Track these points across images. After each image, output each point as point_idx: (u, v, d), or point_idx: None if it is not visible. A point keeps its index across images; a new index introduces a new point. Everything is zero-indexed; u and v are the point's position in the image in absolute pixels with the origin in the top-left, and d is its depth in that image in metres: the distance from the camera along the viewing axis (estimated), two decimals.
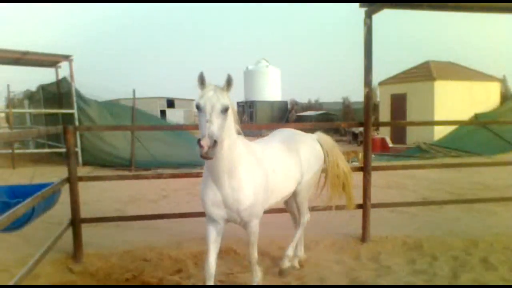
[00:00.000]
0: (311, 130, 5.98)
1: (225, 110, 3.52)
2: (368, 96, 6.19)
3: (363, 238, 6.29)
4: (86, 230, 5.94)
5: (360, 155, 16.02)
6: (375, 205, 6.54)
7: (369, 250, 6.07)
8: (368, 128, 6.29)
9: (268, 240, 6.19)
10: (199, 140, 3.24)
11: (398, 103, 25.64)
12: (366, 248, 6.13)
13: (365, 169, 6.30)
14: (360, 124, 6.56)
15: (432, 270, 5.35)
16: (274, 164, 4.53)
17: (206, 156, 3.25)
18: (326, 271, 5.37)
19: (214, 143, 3.27)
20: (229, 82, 3.67)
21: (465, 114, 21.50)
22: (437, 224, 7.16)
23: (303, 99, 50.97)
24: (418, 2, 6.02)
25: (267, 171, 4.36)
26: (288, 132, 5.40)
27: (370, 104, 6.28)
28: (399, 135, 24.91)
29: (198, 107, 3.52)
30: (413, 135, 23.67)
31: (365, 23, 6.01)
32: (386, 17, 6.41)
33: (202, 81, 3.63)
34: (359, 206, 6.34)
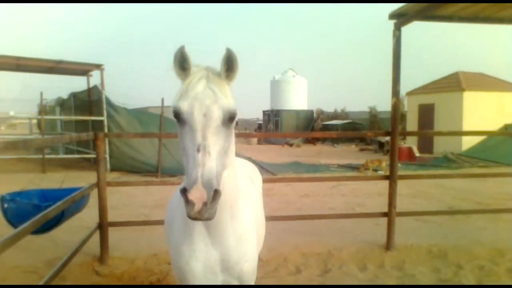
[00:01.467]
0: (337, 139, 6.00)
1: (230, 120, 2.06)
2: (396, 106, 6.19)
3: (388, 246, 6.24)
4: (113, 234, 6.06)
5: (384, 163, 15.93)
6: (401, 214, 6.48)
7: (393, 258, 6.02)
8: (394, 138, 6.26)
9: (291, 246, 6.21)
10: (184, 190, 1.84)
11: (426, 113, 25.33)
12: (391, 256, 6.08)
13: (391, 177, 6.27)
14: (387, 133, 6.54)
15: (457, 279, 5.29)
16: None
17: (199, 218, 1.86)
18: (350, 279, 5.36)
19: (215, 194, 1.86)
20: (230, 62, 2.12)
21: (494, 124, 21.08)
22: (463, 234, 7.05)
23: (329, 108, 50.82)
24: (447, 16, 6.04)
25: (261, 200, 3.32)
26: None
27: (397, 114, 6.27)
28: (426, 144, 24.55)
29: (177, 115, 2.05)
30: (440, 145, 23.29)
31: (394, 35, 6.05)
32: (415, 27, 6.42)
33: (183, 61, 2.11)
34: (384, 214, 6.32)
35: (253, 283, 2.72)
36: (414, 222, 7.69)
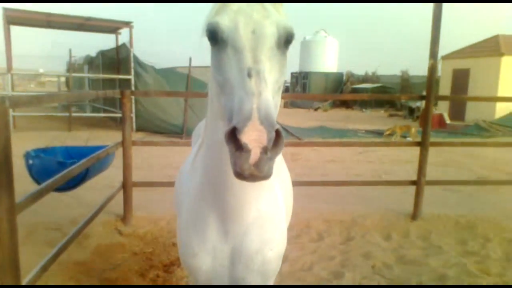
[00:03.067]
0: (367, 104, 5.78)
1: (286, 43, 1.59)
2: (433, 68, 5.96)
3: (414, 215, 6.10)
4: (137, 194, 6.08)
5: (413, 129, 15.55)
6: (429, 182, 6.30)
7: (419, 228, 5.89)
8: (430, 102, 6.04)
9: (315, 212, 6.13)
10: (231, 133, 1.31)
11: (461, 79, 24.40)
12: (416, 226, 5.95)
13: (422, 144, 6.07)
14: (422, 97, 6.30)
15: (485, 252, 5.15)
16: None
17: (256, 174, 1.33)
18: (373, 247, 5.27)
19: (278, 136, 1.32)
20: None
21: None
22: (492, 205, 6.85)
23: (360, 71, 49.62)
24: None
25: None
26: None
27: (434, 77, 6.03)
28: (458, 111, 23.78)
29: (213, 34, 1.55)
30: (473, 112, 22.50)
31: None
32: None
33: None
34: (413, 183, 6.16)
35: (274, 278, 2.24)
36: (442, 191, 7.48)
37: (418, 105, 24.32)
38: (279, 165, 2.50)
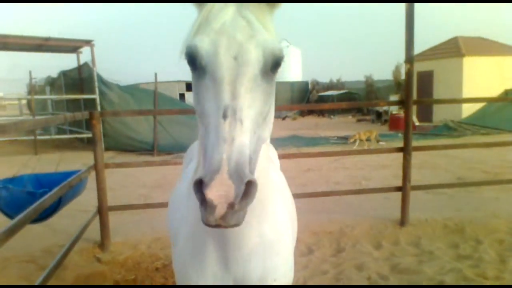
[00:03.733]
0: (334, 111, 5.63)
1: (274, 67, 1.43)
2: (410, 72, 5.88)
3: (402, 221, 5.98)
4: (113, 217, 5.75)
5: (375, 133, 15.72)
6: (415, 187, 6.21)
7: (408, 234, 5.78)
8: (409, 107, 5.92)
9: (301, 225, 5.90)
10: (199, 184, 1.23)
11: (425, 81, 24.87)
12: (406, 232, 5.83)
13: (405, 149, 5.94)
14: (400, 102, 6.23)
15: (477, 255, 5.03)
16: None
17: (223, 225, 1.24)
18: (365, 257, 5.10)
19: (248, 188, 1.22)
20: None
21: (494, 90, 20.85)
22: (477, 206, 6.81)
23: (324, 79, 50.14)
24: None
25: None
26: None
27: (411, 82, 5.94)
28: (425, 113, 24.20)
29: (192, 58, 1.41)
30: (440, 113, 22.95)
31: None
32: None
33: None
34: (398, 189, 6.04)
35: None
36: (425, 195, 7.43)
37: (386, 109, 24.62)
38: (281, 183, 2.36)
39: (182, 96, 60.95)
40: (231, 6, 1.42)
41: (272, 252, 1.86)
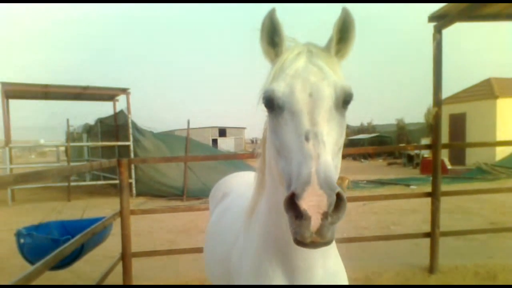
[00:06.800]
0: (364, 154, 5.63)
1: (344, 103, 1.54)
2: (438, 116, 5.84)
3: (431, 268, 5.79)
4: (137, 263, 5.81)
5: (346, 182, 14.65)
6: (444, 233, 6.04)
7: (438, 281, 5.59)
8: (437, 150, 5.86)
9: None
10: (290, 199, 1.26)
11: (457, 123, 24.55)
12: (435, 279, 5.64)
13: (433, 194, 5.84)
14: (428, 146, 6.17)
15: None
16: None
17: (319, 241, 1.27)
18: None
19: (339, 199, 1.26)
20: (345, 29, 1.60)
21: None
22: (510, 252, 6.55)
23: (355, 122, 50.08)
24: (493, 14, 5.67)
25: None
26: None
27: (439, 125, 5.91)
28: (457, 156, 23.74)
29: (269, 101, 1.52)
30: (473, 156, 22.45)
31: (435, 38, 5.74)
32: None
33: (273, 32, 1.61)
34: (426, 235, 5.89)
35: None
36: (455, 240, 7.20)
37: (417, 152, 24.23)
38: None
39: (215, 141, 62.25)
40: (303, 57, 1.56)
41: (336, 281, 1.92)
